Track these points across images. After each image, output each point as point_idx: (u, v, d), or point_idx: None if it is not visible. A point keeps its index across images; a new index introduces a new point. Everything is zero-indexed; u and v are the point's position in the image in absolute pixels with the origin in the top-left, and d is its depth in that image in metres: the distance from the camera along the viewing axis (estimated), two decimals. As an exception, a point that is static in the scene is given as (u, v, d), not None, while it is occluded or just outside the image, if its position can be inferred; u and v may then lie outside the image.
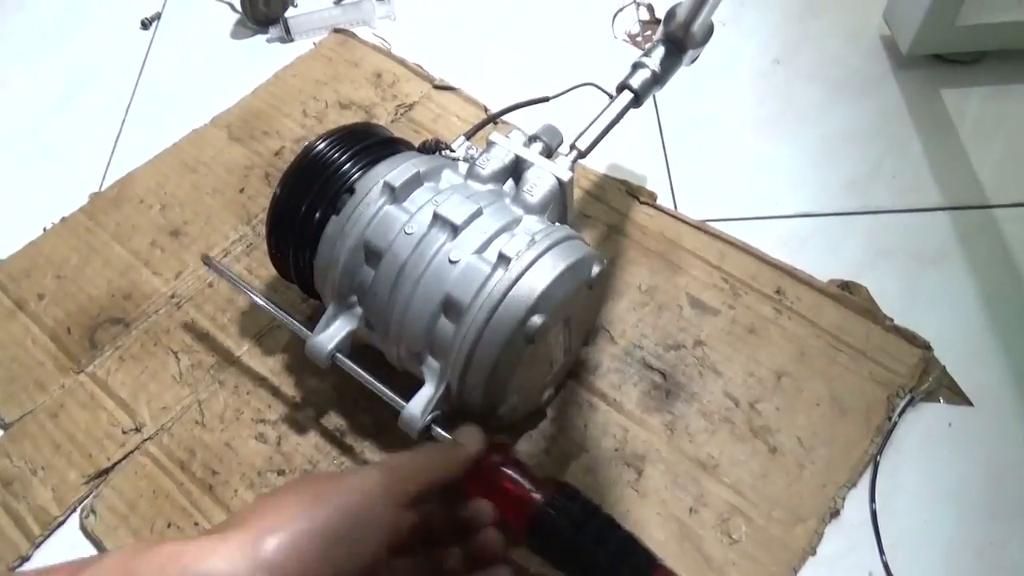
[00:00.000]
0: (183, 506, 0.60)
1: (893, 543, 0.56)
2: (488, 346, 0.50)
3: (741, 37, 0.91)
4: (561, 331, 0.56)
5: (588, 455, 0.60)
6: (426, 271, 0.52)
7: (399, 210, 0.55)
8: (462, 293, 0.51)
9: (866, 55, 0.88)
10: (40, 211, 0.80)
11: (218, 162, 0.83)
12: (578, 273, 0.53)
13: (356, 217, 0.55)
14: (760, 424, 0.61)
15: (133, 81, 0.95)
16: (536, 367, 0.56)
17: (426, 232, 0.53)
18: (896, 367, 0.63)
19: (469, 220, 0.53)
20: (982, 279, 0.69)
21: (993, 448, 0.60)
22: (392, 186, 0.55)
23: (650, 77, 0.64)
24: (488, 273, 0.51)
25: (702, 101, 0.85)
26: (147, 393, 0.66)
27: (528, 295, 0.50)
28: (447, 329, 0.52)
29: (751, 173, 0.79)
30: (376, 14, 0.97)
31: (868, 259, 0.70)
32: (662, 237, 0.72)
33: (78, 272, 0.75)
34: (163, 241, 0.76)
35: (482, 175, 0.59)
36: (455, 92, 0.86)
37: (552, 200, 0.58)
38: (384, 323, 0.55)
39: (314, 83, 0.89)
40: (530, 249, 0.51)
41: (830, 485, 0.58)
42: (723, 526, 0.56)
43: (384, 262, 0.54)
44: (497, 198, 0.57)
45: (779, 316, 0.67)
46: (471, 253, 0.52)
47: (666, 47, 0.65)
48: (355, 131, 0.61)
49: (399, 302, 0.53)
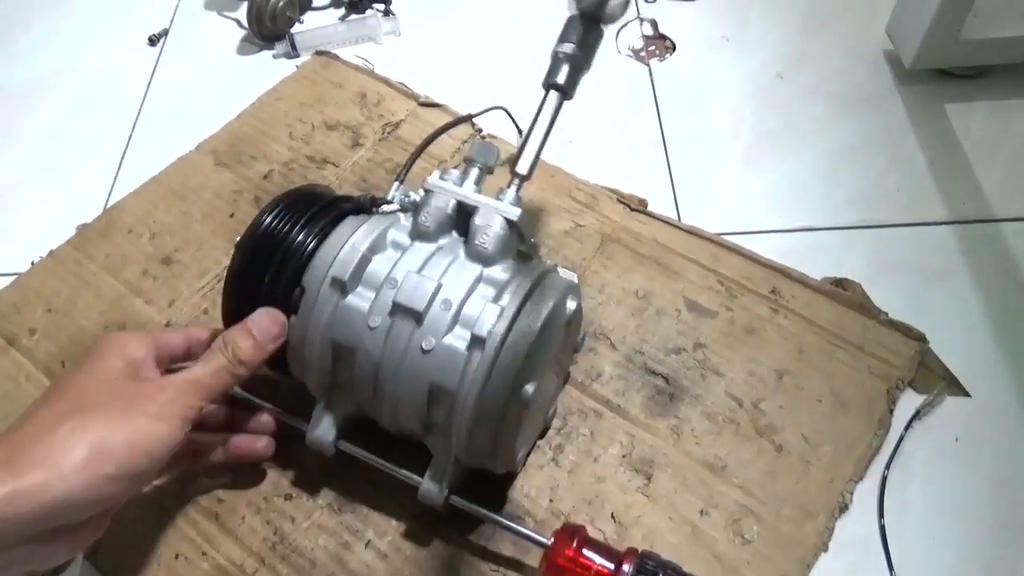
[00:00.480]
0: (190, 536, 0.59)
1: (901, 560, 0.56)
2: (485, 424, 0.49)
3: (744, 52, 0.92)
4: (550, 367, 0.55)
5: (596, 463, 0.60)
6: (403, 365, 0.50)
7: (357, 299, 0.52)
8: (445, 379, 0.49)
9: (869, 69, 0.89)
10: (51, 225, 0.81)
11: (206, 188, 0.82)
12: (555, 319, 0.51)
13: (315, 319, 0.52)
14: (764, 423, 0.61)
15: (141, 96, 0.96)
16: (536, 413, 0.56)
17: (391, 325, 0.50)
18: (893, 360, 0.64)
19: (431, 301, 0.50)
20: (987, 293, 0.69)
21: (1001, 463, 0.60)
22: (341, 280, 0.52)
23: (571, 66, 0.58)
24: (466, 356, 0.49)
25: (706, 116, 0.86)
26: (146, 424, 0.65)
27: (511, 369, 0.48)
28: (441, 414, 0.51)
29: (754, 187, 0.79)
30: (381, 30, 0.98)
31: (872, 273, 0.70)
32: (655, 243, 0.73)
33: (69, 305, 0.74)
34: (155, 270, 0.76)
35: (429, 232, 0.54)
36: (441, 109, 0.87)
37: (507, 241, 0.54)
38: (376, 411, 0.54)
39: (299, 105, 0.89)
40: (500, 321, 0.49)
41: (837, 480, 0.58)
42: (735, 526, 0.57)
43: (358, 360, 0.52)
44: (452, 256, 0.53)
45: (776, 315, 0.67)
46: (443, 337, 0.50)
47: (584, 26, 0.58)
48: (297, 200, 0.57)
49: (385, 396, 0.52)
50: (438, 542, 0.57)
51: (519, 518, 0.57)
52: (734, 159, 0.82)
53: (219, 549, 0.58)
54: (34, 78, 1.00)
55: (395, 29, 0.98)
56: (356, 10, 1.02)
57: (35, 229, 0.81)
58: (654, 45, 0.95)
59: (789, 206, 0.77)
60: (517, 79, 0.91)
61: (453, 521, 0.56)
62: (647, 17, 0.97)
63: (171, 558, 0.58)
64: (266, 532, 0.58)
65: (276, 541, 0.58)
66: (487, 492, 0.57)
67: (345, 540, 0.57)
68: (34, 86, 0.99)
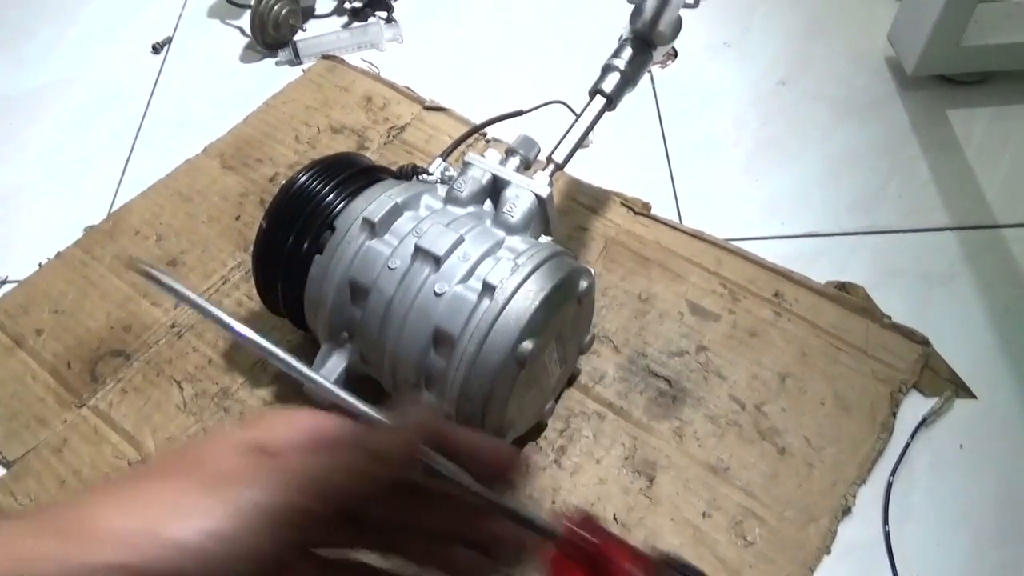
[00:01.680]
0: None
1: (906, 566, 0.56)
2: (481, 376, 0.50)
3: (746, 58, 0.93)
4: (554, 348, 0.56)
5: (598, 465, 0.60)
6: (413, 306, 0.52)
7: (381, 244, 0.55)
8: (450, 325, 0.51)
9: (871, 76, 0.89)
10: (54, 232, 0.81)
11: (212, 191, 0.83)
12: (566, 291, 0.53)
13: (339, 256, 0.55)
14: (767, 426, 0.61)
15: (144, 104, 0.96)
16: (532, 387, 0.56)
17: (409, 266, 0.53)
18: (897, 363, 0.64)
19: (451, 249, 0.53)
20: (990, 299, 0.69)
21: (1005, 469, 0.60)
22: (371, 221, 0.55)
23: (620, 79, 0.62)
24: (474, 303, 0.51)
25: (708, 122, 0.86)
26: (151, 424, 0.66)
27: (516, 322, 0.50)
28: (439, 362, 0.52)
29: (757, 193, 0.80)
30: (384, 36, 0.98)
31: (875, 279, 0.70)
32: (658, 246, 0.73)
33: (76, 306, 0.74)
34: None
35: (461, 198, 0.58)
36: (446, 112, 0.87)
37: (533, 217, 0.58)
38: (377, 357, 0.55)
39: (305, 109, 0.90)
40: (514, 275, 0.51)
41: (840, 483, 0.58)
42: (737, 528, 0.57)
43: (371, 299, 0.54)
44: (478, 221, 0.56)
45: (779, 319, 0.67)
46: (456, 283, 0.52)
47: (634, 46, 0.63)
48: (334, 162, 0.61)
49: (390, 337, 0.53)
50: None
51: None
52: (736, 165, 0.82)
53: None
54: (38, 86, 1.00)
55: (397, 36, 0.99)
56: (359, 18, 1.03)
57: (37, 237, 0.81)
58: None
59: (791, 212, 0.77)
60: (517, 80, 0.92)
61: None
62: None
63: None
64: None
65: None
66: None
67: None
68: (38, 94, 0.99)
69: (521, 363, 0.50)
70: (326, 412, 0.30)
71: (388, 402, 0.30)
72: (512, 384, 0.51)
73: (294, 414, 0.29)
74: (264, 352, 0.31)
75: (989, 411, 0.63)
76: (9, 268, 0.79)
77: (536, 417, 0.61)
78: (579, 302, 0.56)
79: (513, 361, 0.50)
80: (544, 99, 0.78)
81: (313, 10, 1.05)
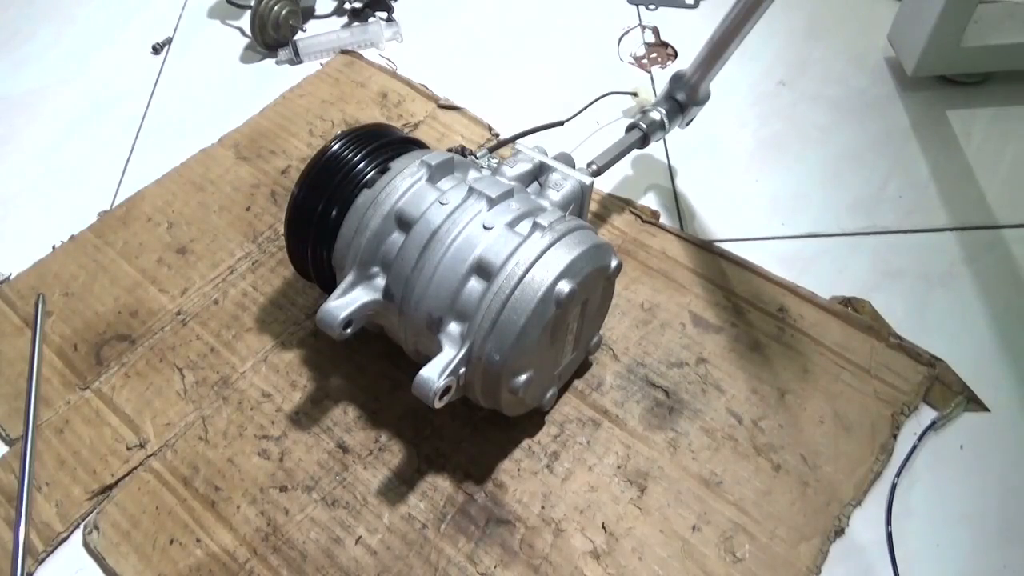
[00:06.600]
0: (185, 522, 0.60)
1: (907, 567, 0.55)
2: (517, 308, 0.52)
3: (746, 59, 0.92)
4: (577, 317, 0.57)
5: (591, 472, 0.60)
6: (459, 236, 0.55)
7: (433, 186, 0.58)
8: (495, 256, 0.53)
9: (871, 76, 0.88)
10: (51, 230, 0.82)
11: (225, 181, 0.83)
12: (600, 257, 0.56)
13: (391, 189, 0.58)
14: (763, 442, 0.61)
15: (144, 104, 0.97)
16: (551, 349, 0.56)
17: (461, 202, 0.56)
18: (900, 385, 0.63)
19: (503, 197, 0.56)
20: (991, 299, 0.68)
21: (1006, 470, 0.59)
22: (430, 164, 0.58)
23: (658, 121, 0.72)
24: (522, 239, 0.53)
25: (708, 123, 0.85)
26: (151, 409, 0.66)
27: (559, 261, 0.52)
28: (475, 291, 0.53)
29: (757, 194, 0.79)
30: (383, 36, 0.98)
31: (875, 279, 0.70)
32: (664, 256, 0.73)
33: (86, 289, 0.75)
34: (170, 259, 0.77)
35: (507, 175, 0.62)
36: (460, 112, 0.87)
37: (573, 201, 0.62)
38: (408, 290, 0.55)
39: (320, 103, 0.91)
40: (562, 223, 0.54)
41: (834, 503, 0.57)
42: (726, 544, 0.56)
43: (416, 228, 0.56)
44: (523, 191, 0.60)
45: (782, 334, 0.67)
46: (504, 224, 0.55)
47: (670, 104, 0.73)
48: (371, 131, 0.63)
49: (427, 265, 0.55)
50: (426, 542, 0.57)
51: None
52: (737, 166, 0.82)
53: (213, 536, 0.59)
54: (38, 87, 1.01)
55: (397, 35, 0.99)
56: (359, 18, 1.03)
57: (37, 237, 0.81)
58: (656, 52, 0.95)
59: (792, 212, 0.77)
60: (518, 81, 0.92)
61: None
62: (649, 24, 0.97)
63: (166, 542, 0.59)
64: (260, 522, 0.59)
65: (269, 532, 0.58)
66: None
67: (336, 535, 0.58)
68: (37, 95, 1.00)
69: (557, 302, 0.52)
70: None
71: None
72: (542, 324, 0.52)
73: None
74: None
75: (989, 412, 0.62)
76: (9, 268, 0.79)
77: (537, 399, 0.60)
78: (607, 279, 0.58)
79: (551, 298, 0.52)
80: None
81: (313, 10, 1.05)
